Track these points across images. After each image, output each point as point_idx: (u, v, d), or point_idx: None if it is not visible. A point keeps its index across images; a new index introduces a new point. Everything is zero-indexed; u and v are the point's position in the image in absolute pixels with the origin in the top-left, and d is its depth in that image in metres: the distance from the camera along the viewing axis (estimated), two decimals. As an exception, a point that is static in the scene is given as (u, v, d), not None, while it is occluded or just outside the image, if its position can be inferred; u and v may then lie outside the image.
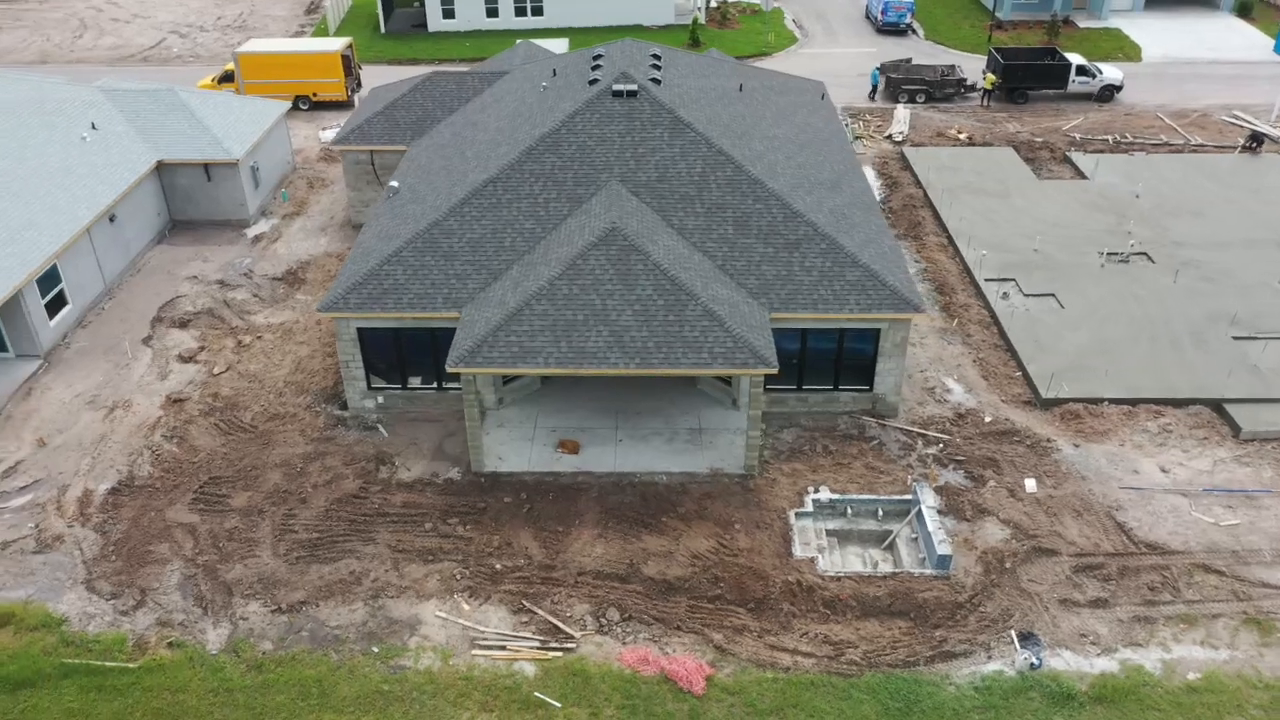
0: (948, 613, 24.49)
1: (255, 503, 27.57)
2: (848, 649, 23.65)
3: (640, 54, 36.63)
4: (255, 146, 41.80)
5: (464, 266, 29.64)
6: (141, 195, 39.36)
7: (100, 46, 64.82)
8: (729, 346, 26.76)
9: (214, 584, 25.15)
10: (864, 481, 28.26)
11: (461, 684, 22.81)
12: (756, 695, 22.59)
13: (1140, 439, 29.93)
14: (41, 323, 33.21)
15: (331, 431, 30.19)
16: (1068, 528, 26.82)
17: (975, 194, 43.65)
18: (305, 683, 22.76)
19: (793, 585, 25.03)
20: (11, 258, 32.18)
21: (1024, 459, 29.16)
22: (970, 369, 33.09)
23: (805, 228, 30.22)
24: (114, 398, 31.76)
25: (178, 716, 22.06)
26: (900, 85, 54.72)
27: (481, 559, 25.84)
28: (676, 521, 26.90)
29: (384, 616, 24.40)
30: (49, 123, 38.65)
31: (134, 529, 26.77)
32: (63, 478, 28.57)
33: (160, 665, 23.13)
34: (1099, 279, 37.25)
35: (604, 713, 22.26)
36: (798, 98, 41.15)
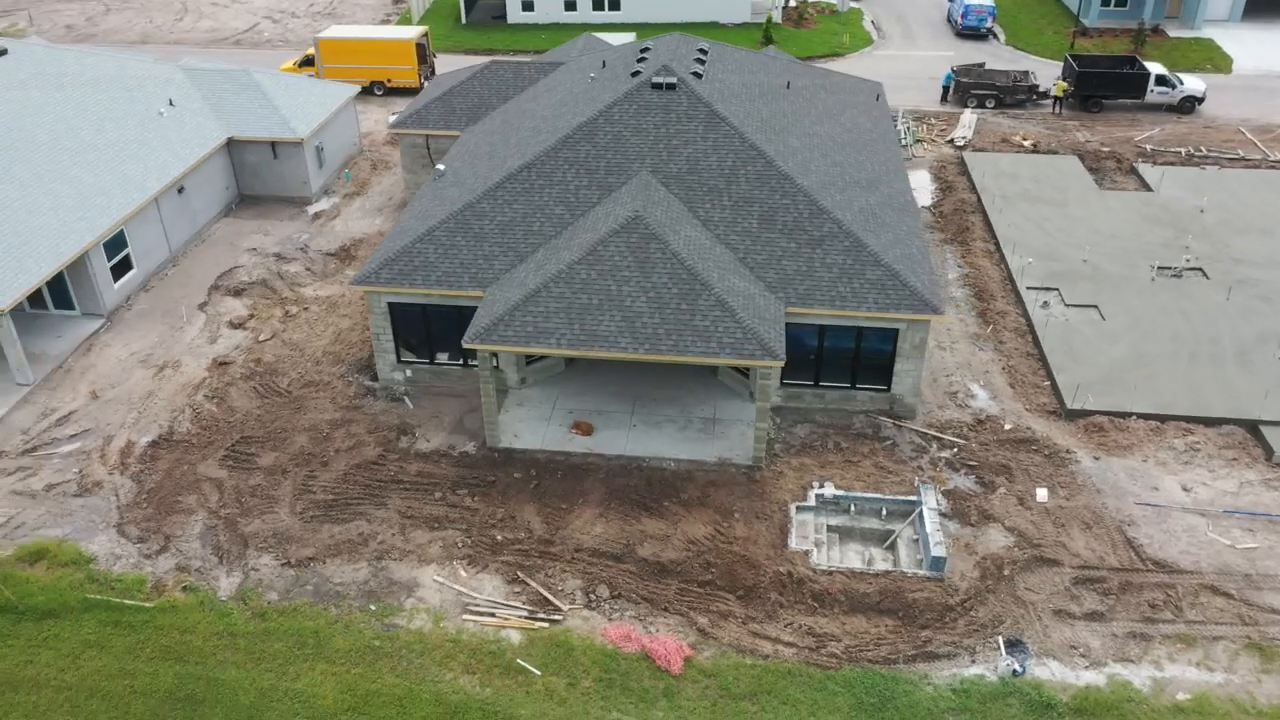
0: (936, 614, 24.40)
1: (280, 463, 28.95)
2: (830, 642, 23.78)
3: (687, 48, 37.06)
4: (321, 127, 43.54)
5: (492, 248, 30.56)
6: (211, 169, 41.42)
7: (198, 29, 68.03)
8: (738, 337, 27.07)
9: (232, 535, 26.56)
10: (871, 480, 28.25)
11: (449, 645, 23.69)
12: (732, 679, 22.92)
13: (1165, 456, 29.20)
14: (106, 284, 35.33)
15: (360, 401, 31.45)
16: (1074, 539, 26.39)
17: (1031, 202, 42.86)
18: (303, 633, 23.94)
19: (783, 576, 25.23)
20: (81, 222, 34.31)
21: (1039, 468, 28.74)
22: (998, 376, 32.67)
23: (830, 225, 30.29)
24: (165, 358, 33.63)
25: (183, 655, 23.45)
26: (970, 89, 53.88)
27: (484, 529, 26.70)
28: (678, 507, 27.33)
29: (385, 577, 25.46)
30: (130, 98, 40.96)
31: (167, 480, 28.40)
32: (109, 429, 30.43)
33: (173, 606, 24.60)
34: (1147, 293, 36.30)
35: (581, 684, 22.87)
36: (850, 97, 41.05)
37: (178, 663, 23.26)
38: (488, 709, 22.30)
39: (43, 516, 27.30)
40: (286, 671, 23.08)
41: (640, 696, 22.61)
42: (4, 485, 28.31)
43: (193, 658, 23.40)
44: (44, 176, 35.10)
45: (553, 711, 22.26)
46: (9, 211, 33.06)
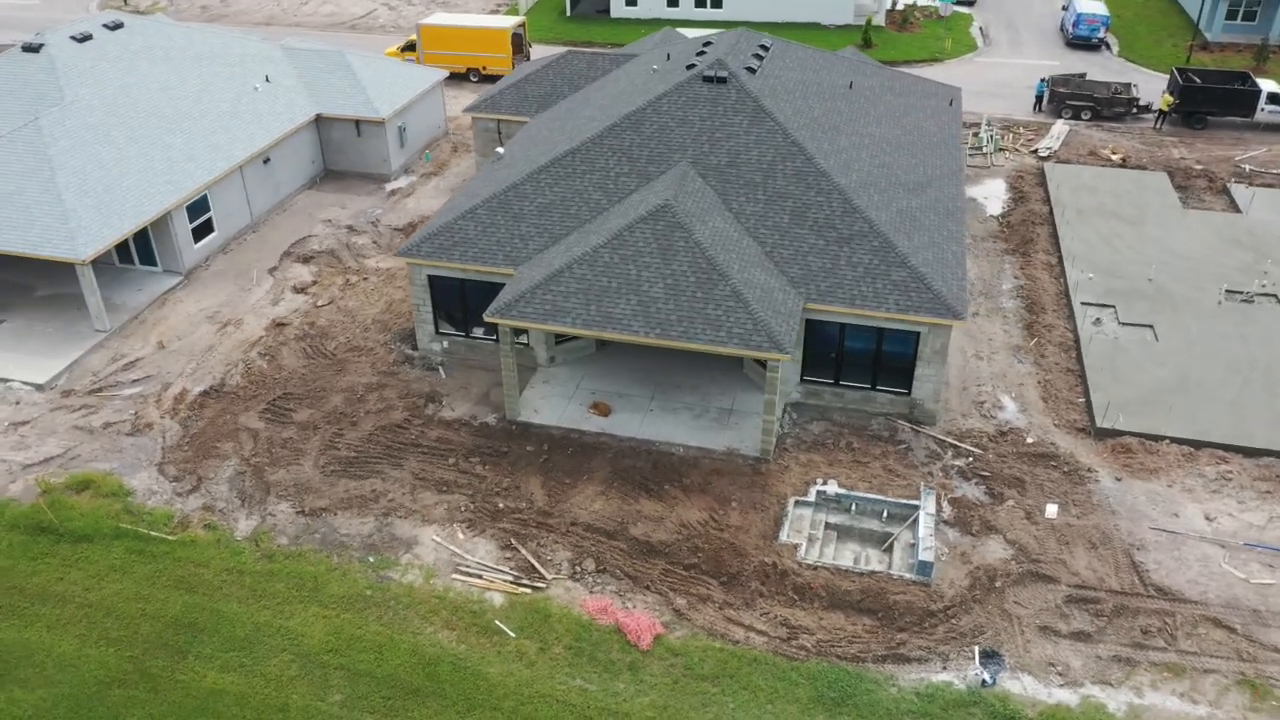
0: (916, 618, 24.22)
1: (314, 419, 30.69)
2: (803, 634, 23.91)
3: (748, 43, 37.34)
4: (404, 109, 45.51)
5: (529, 228, 31.60)
6: (298, 143, 43.85)
7: (319, 13, 71.60)
8: (748, 328, 27.36)
9: (257, 482, 28.38)
10: (877, 482, 28.10)
11: (434, 601, 24.84)
12: (698, 660, 23.33)
13: (1192, 483, 28.07)
14: (187, 244, 37.95)
15: (398, 368, 32.99)
16: (1076, 558, 25.73)
17: (1106, 217, 41.43)
18: (303, 577, 25.48)
19: (768, 567, 25.45)
20: (168, 185, 36.98)
21: (1055, 484, 28.04)
22: (1032, 389, 31.90)
23: (861, 224, 30.20)
24: (229, 315, 35.95)
25: (193, 585, 25.29)
26: (1065, 100, 52.22)
27: (488, 496, 27.77)
28: (678, 491, 27.81)
29: (388, 533, 26.80)
30: (231, 73, 43.75)
31: (209, 427, 30.48)
32: (168, 377, 32.79)
33: (193, 541, 26.51)
34: (1210, 316, 34.77)
35: (552, 649, 23.66)
36: (920, 101, 40.56)
37: (188, 592, 25.11)
38: (459, 663, 23.33)
39: (96, 451, 29.72)
40: (282, 610, 24.64)
41: (606, 667, 23.25)
42: (68, 420, 30.91)
43: (201, 589, 25.21)
44: (139, 141, 37.94)
45: (519, 673, 23.13)
46: (103, 171, 35.91)
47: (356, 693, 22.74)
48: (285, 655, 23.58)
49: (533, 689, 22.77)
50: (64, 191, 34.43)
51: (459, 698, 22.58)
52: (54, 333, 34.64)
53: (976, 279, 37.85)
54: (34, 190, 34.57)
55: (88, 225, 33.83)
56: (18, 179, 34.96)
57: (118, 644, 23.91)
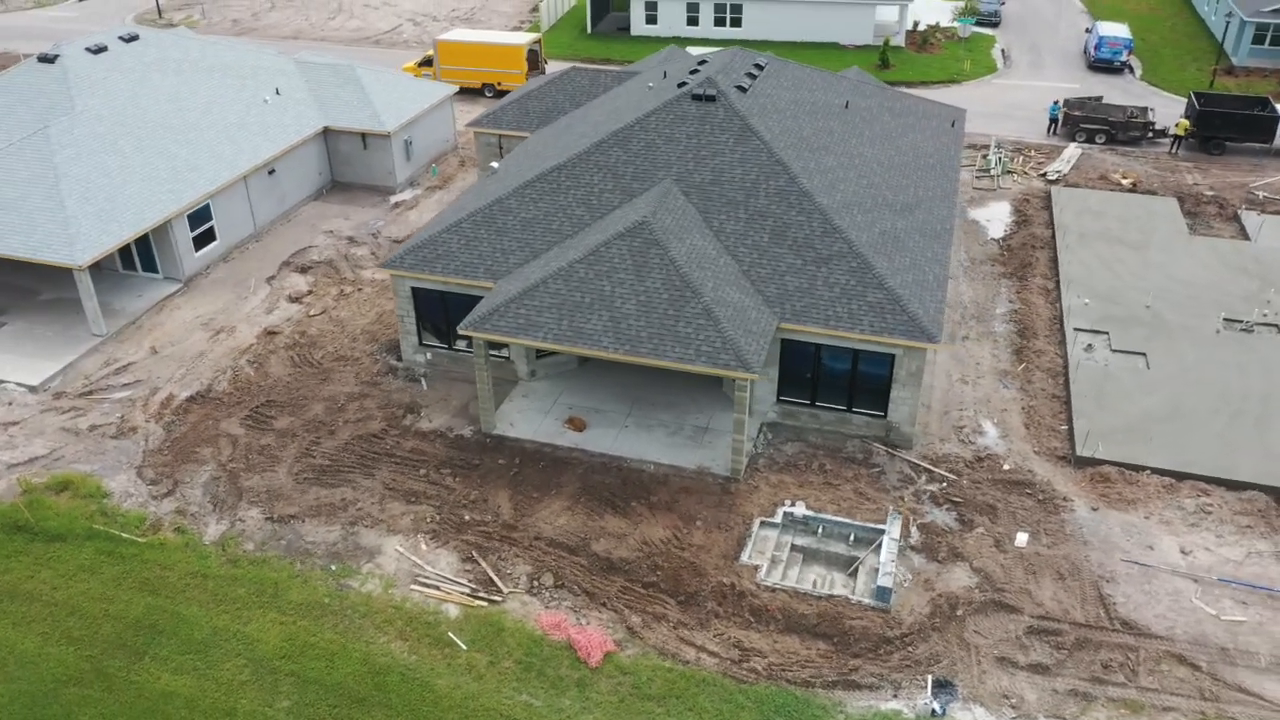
0: (872, 644, 23.90)
1: (293, 427, 31.06)
2: (755, 657, 23.69)
3: (742, 62, 37.37)
4: (410, 123, 46.09)
5: (511, 243, 31.81)
6: (305, 154, 44.57)
7: (345, 28, 72.84)
8: (716, 346, 27.27)
9: (231, 488, 28.76)
10: (847, 505, 27.81)
11: (390, 611, 24.96)
12: (646, 679, 23.20)
13: (1171, 515, 27.46)
14: (187, 252, 38.68)
15: (381, 378, 33.29)
16: (1042, 589, 25.25)
17: (1109, 242, 40.80)
18: (265, 582, 25.74)
19: (726, 587, 25.27)
20: (169, 194, 37.75)
21: (1028, 513, 27.57)
22: (1015, 415, 31.44)
23: (841, 244, 30.02)
24: (223, 323, 36.55)
25: (157, 588, 25.65)
26: (1080, 123, 51.58)
27: (455, 508, 27.89)
28: (644, 508, 27.74)
29: (353, 541, 27.00)
30: (241, 85, 44.62)
31: (191, 432, 30.97)
32: (158, 382, 33.38)
33: (162, 544, 26.91)
34: (1206, 345, 34.06)
35: (502, 663, 23.67)
36: (918, 122, 40.31)
37: (151, 595, 25.47)
38: (408, 674, 23.40)
39: (80, 452, 30.31)
40: (241, 615, 24.90)
41: (554, 683, 23.20)
42: (57, 422, 31.57)
43: (165, 592, 25.56)
44: (145, 150, 38.79)
45: (467, 686, 23.15)
46: (107, 179, 36.76)
47: (304, 700, 22.89)
48: (239, 660, 23.82)
49: (478, 702, 22.78)
50: (66, 198, 35.30)
51: (404, 708, 22.65)
52: (52, 336, 35.44)
53: (970, 302, 37.44)
54: (38, 197, 35.48)
55: (87, 231, 34.62)
56: (24, 185, 35.90)
57: (78, 643, 24.31)
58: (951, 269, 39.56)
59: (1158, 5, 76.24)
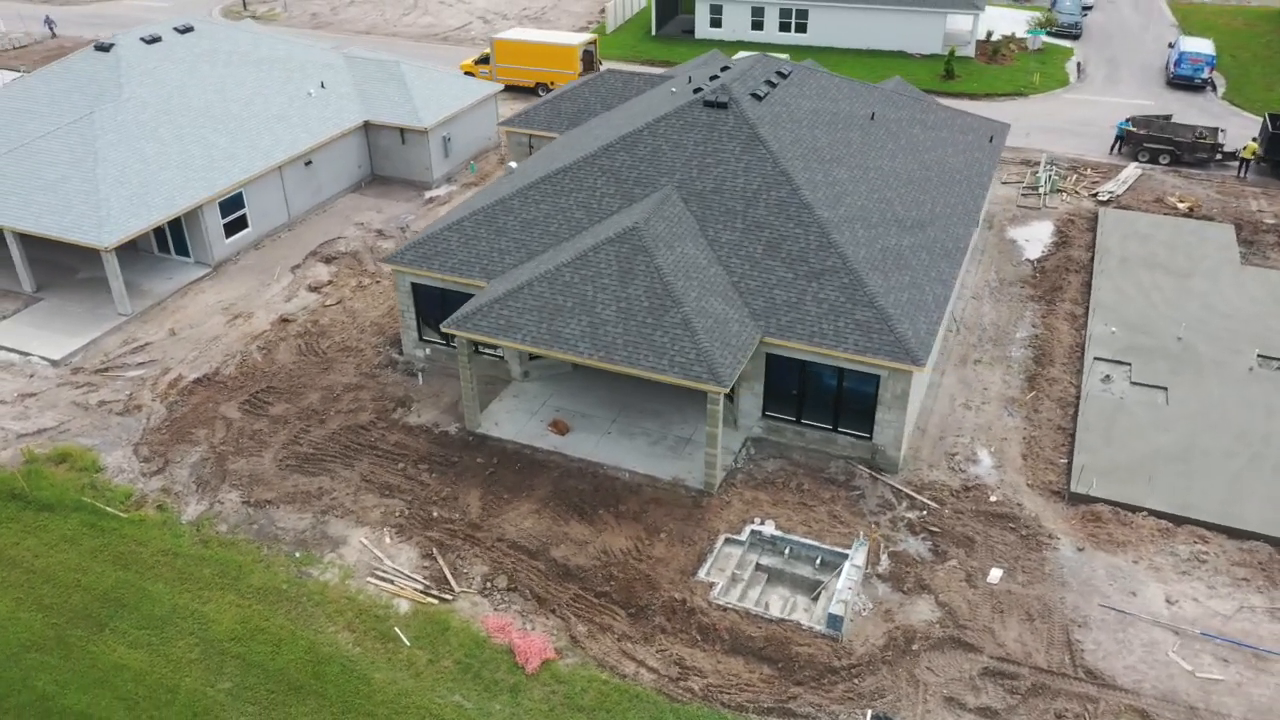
0: (817, 673, 23.20)
1: (287, 414, 31.74)
2: (694, 676, 23.24)
3: (764, 68, 36.71)
4: (448, 120, 46.68)
5: (508, 243, 31.90)
6: (344, 147, 45.53)
7: (417, 24, 74.23)
8: (690, 357, 26.85)
9: (217, 470, 29.53)
10: (819, 527, 27.08)
11: (344, 602, 25.28)
12: (580, 690, 22.98)
13: (1163, 561, 25.96)
14: (217, 238, 39.90)
15: (379, 371, 33.78)
16: (1007, 629, 24.14)
17: (1150, 269, 38.83)
18: (230, 565, 26.35)
19: (676, 603, 24.86)
20: (202, 181, 39.01)
21: (1008, 548, 26.41)
22: (1014, 445, 30.15)
23: (835, 259, 29.24)
24: (242, 309, 37.59)
25: (129, 562, 26.50)
26: (1143, 143, 49.24)
27: (425, 504, 28.09)
28: (611, 516, 27.48)
29: (321, 530, 27.43)
30: (288, 78, 45.85)
31: (191, 413, 31.91)
32: (170, 363, 34.51)
33: (141, 521, 27.79)
34: (1236, 383, 32.12)
35: (441, 662, 23.74)
36: (953, 136, 39.05)
37: (123, 569, 26.33)
38: (348, 666, 23.66)
39: (85, 426, 31.53)
40: (201, 595, 25.54)
41: (488, 686, 23.17)
42: (70, 396, 32.91)
43: (136, 566, 26.39)
44: (184, 138, 40.17)
45: (403, 682, 23.28)
46: (144, 164, 38.19)
47: (245, 683, 23.35)
48: (191, 639, 24.43)
49: (411, 699, 22.89)
50: (101, 182, 36.77)
51: (338, 699, 22.91)
52: (82, 313, 36.97)
53: (990, 324, 36.06)
54: (77, 179, 37.05)
55: (117, 215, 36.00)
56: (65, 168, 37.54)
57: (48, 610, 25.27)
58: (977, 289, 38.21)
59: (1254, 20, 72.37)
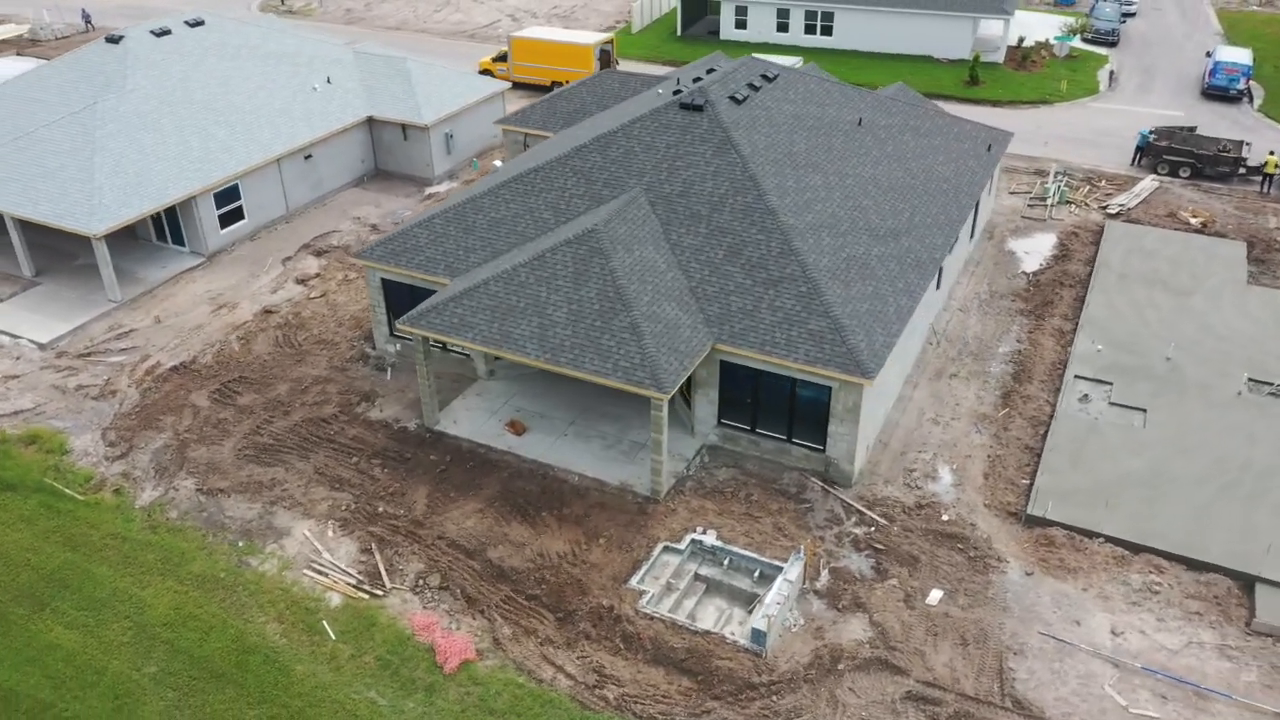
0: (735, 688, 22.80)
1: (254, 404, 32.14)
2: (611, 685, 22.99)
3: (749, 71, 36.20)
4: (450, 117, 46.91)
5: (475, 241, 31.92)
6: (346, 142, 46.02)
7: (446, 22, 74.80)
8: (634, 362, 26.59)
9: (176, 457, 29.99)
10: (763, 539, 26.62)
11: (277, 593, 25.49)
12: (495, 693, 22.87)
13: (1114, 590, 25.05)
14: (211, 229, 40.57)
15: (350, 365, 34.03)
16: (939, 653, 23.48)
17: (1149, 286, 37.56)
18: (172, 551, 26.73)
19: (604, 609, 24.62)
20: (197, 172, 39.70)
21: (953, 569, 25.70)
22: (978, 463, 29.34)
23: (794, 267, 28.73)
24: (229, 299, 38.16)
25: (78, 545, 27.03)
26: (1163, 154, 47.68)
27: (372, 499, 28.22)
28: (553, 519, 27.33)
29: (268, 521, 27.70)
30: (294, 72, 46.48)
31: (162, 400, 32.47)
32: (151, 350, 35.16)
33: (97, 504, 28.34)
34: (1221, 407, 30.91)
35: (363, 658, 23.80)
36: (947, 143, 38.19)
37: (72, 550, 26.86)
38: (271, 656, 23.84)
39: (60, 409, 32.26)
40: (141, 579, 25.94)
41: (405, 684, 23.17)
42: (49, 379, 33.70)
43: (84, 548, 26.90)
44: (183, 130, 40.92)
45: (322, 675, 23.39)
46: (140, 154, 38.98)
47: (170, 668, 23.65)
48: (126, 622, 24.82)
49: (327, 693, 22.99)
50: (97, 171, 37.60)
51: (256, 689, 23.09)
52: (75, 299, 37.85)
53: (974, 338, 35.17)
54: (74, 168, 37.95)
55: (109, 203, 36.79)
56: (64, 156, 38.49)
57: (-5, 588, 25.94)
58: (965, 301, 37.30)
59: (1306, 30, 69.70)
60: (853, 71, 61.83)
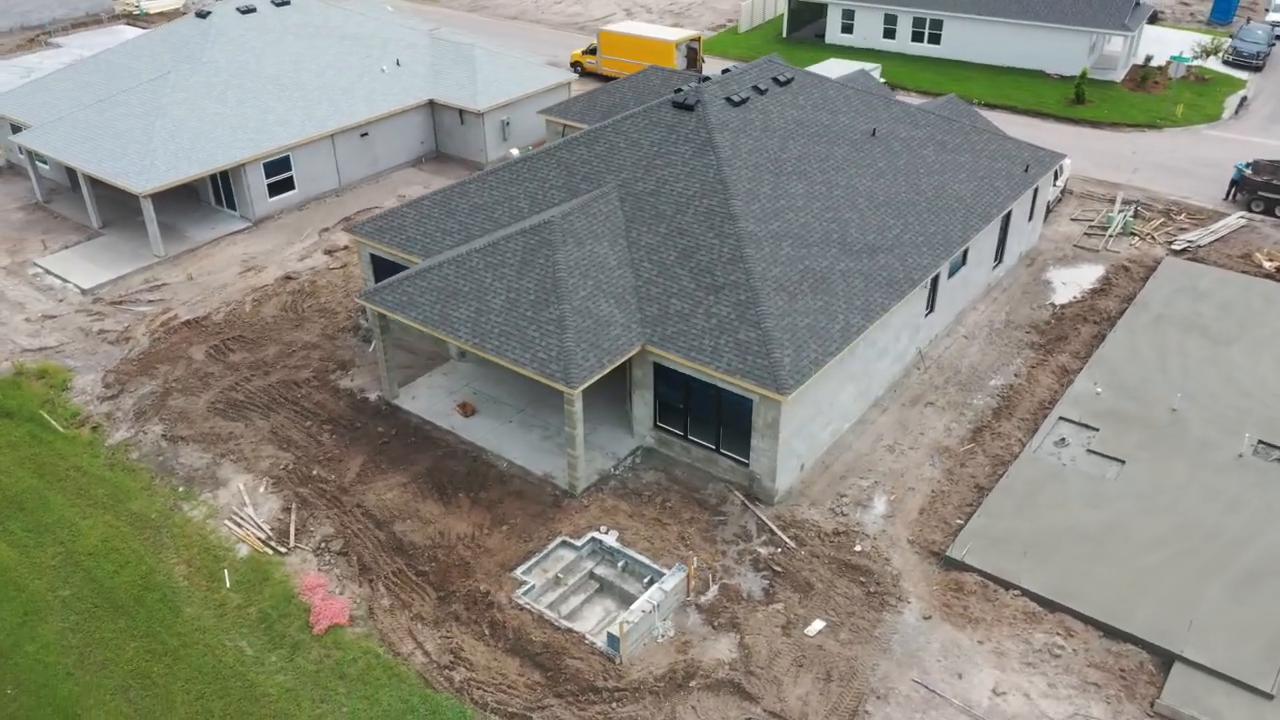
0: (579, 689, 22.61)
1: (241, 362, 34.01)
2: (461, 668, 23.24)
3: (764, 73, 35.30)
4: (507, 105, 47.93)
5: (453, 225, 32.65)
6: (405, 123, 47.79)
7: (562, 13, 76.17)
8: (551, 354, 26.64)
9: (156, 403, 32.13)
10: (664, 546, 26.16)
11: (195, 538, 27.02)
12: (351, 659, 23.52)
13: (1011, 647, 23.31)
14: (259, 196, 43.06)
15: (340, 334, 35.47)
16: (797, 686, 22.52)
17: (1185, 330, 34.46)
18: (120, 489, 28.73)
19: (479, 595, 24.86)
20: (249, 141, 42.23)
21: (848, 602, 24.53)
22: (919, 497, 27.81)
23: (739, 274, 28.01)
24: (259, 263, 40.44)
25: (45, 473, 29.43)
26: (1258, 190, 43.51)
27: (310, 462, 29.42)
28: (467, 501, 27.76)
29: (212, 472, 29.34)
30: (367, 54, 48.62)
31: (165, 349, 34.82)
32: (174, 304, 37.74)
33: (74, 439, 30.76)
34: (1213, 468, 28.14)
35: (248, 609, 24.95)
36: (975, 160, 36.21)
37: (38, 477, 29.29)
38: (168, 596, 25.32)
39: (77, 350, 35.13)
40: (86, 511, 28.02)
41: (275, 639, 24.15)
42: (79, 321, 36.72)
43: (49, 477, 29.28)
44: (245, 102, 43.60)
45: (205, 619, 24.68)
46: (199, 122, 41.82)
47: (80, 594, 25.50)
48: (59, 548, 26.91)
49: (204, 636, 24.24)
50: (155, 135, 40.60)
51: (144, 624, 24.59)
52: (127, 251, 41.02)
53: (968, 366, 33.24)
54: (137, 131, 41.11)
55: (160, 165, 39.66)
56: (132, 120, 41.73)
57: (-35, 504, 28.61)
58: (974, 328, 35.28)
59: None
60: (954, 83, 59.26)
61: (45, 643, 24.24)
